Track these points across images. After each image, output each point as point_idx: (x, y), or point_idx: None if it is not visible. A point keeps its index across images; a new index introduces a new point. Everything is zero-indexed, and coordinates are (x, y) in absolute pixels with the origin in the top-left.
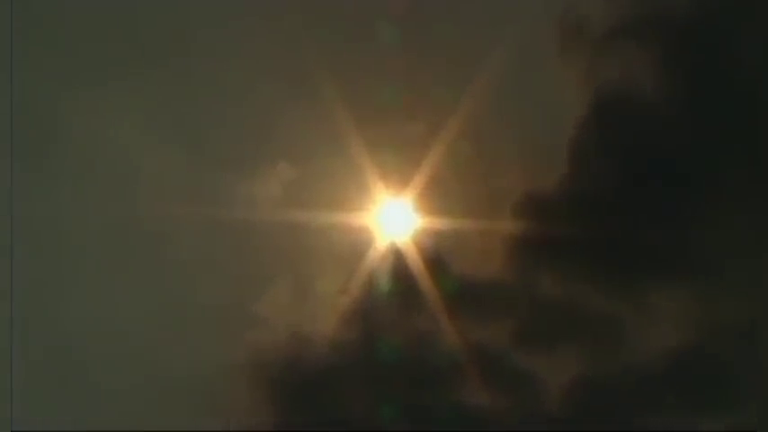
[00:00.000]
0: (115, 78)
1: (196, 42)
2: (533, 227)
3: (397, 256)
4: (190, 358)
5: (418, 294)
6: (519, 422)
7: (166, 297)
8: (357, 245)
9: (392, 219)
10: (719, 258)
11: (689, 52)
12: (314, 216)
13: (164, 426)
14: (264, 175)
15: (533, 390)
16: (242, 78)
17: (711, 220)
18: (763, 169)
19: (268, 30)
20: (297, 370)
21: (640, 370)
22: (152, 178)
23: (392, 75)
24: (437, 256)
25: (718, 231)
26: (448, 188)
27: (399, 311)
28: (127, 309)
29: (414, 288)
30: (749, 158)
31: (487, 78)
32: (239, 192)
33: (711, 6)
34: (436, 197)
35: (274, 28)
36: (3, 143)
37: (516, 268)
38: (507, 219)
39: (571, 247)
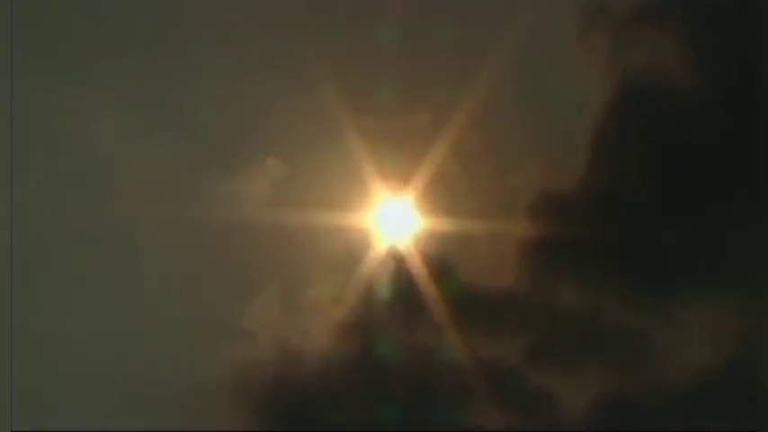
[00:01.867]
0: (88, 66)
1: (179, 27)
2: (550, 230)
3: (398, 262)
4: (165, 377)
5: (421, 305)
6: None
7: (140, 307)
8: (353, 249)
9: (392, 219)
10: (756, 265)
11: (721, 35)
12: (305, 217)
13: None
14: (251, 172)
15: (550, 412)
16: (228, 67)
17: (747, 223)
18: None
19: (257, 15)
20: (285, 390)
21: (669, 389)
22: (126, 175)
23: (393, 62)
24: (442, 261)
25: (755, 235)
26: (454, 186)
27: (400, 324)
28: (94, 320)
29: (416, 298)
30: None
31: (499, 65)
32: (223, 190)
33: None
34: (441, 196)
35: (264, 12)
36: None
37: (531, 276)
38: (521, 221)
39: (592, 253)
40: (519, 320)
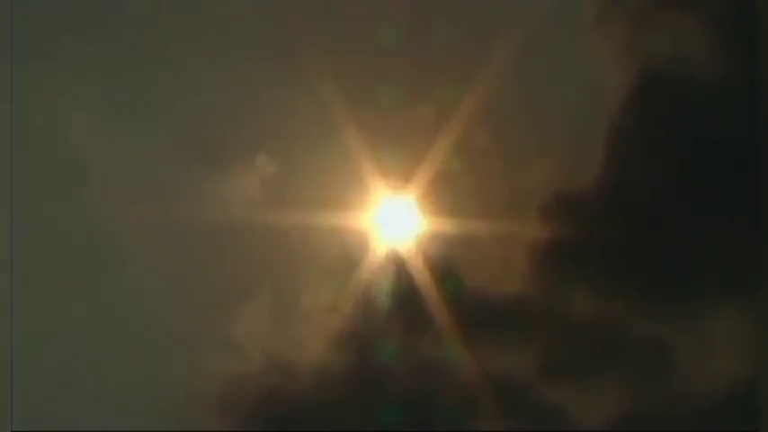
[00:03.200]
0: (60, 52)
1: (162, 9)
2: (563, 233)
3: (399, 266)
4: (148, 391)
5: (424, 313)
6: None
7: (120, 316)
8: (350, 252)
9: (392, 220)
10: None
11: (749, 22)
12: (299, 217)
13: None
14: (240, 169)
15: (564, 429)
16: (216, 55)
17: None
18: None
19: (250, 1)
20: (276, 406)
21: (692, 404)
22: (103, 172)
23: (395, 51)
24: (446, 266)
25: None
26: (459, 185)
27: (401, 334)
28: (73, 331)
29: (418, 305)
30: None
31: (507, 54)
32: (209, 188)
33: None
34: (445, 195)
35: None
36: None
37: (543, 283)
38: (532, 222)
39: (609, 258)
40: (530, 331)
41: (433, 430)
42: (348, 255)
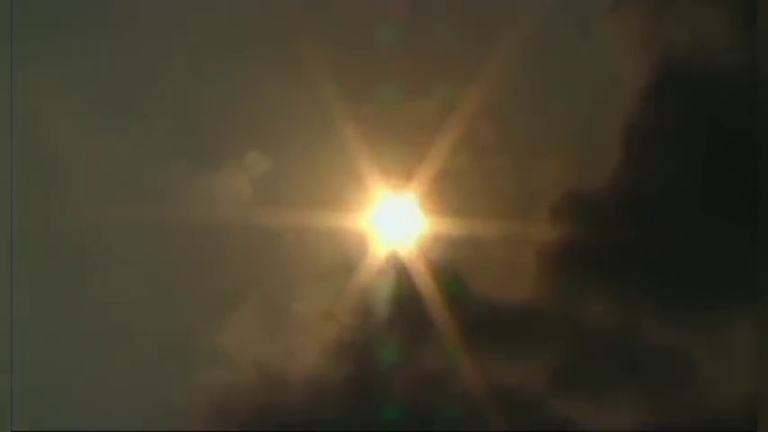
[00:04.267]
0: (35, 41)
1: (148, 1)
2: (576, 235)
3: (400, 271)
4: (130, 404)
5: (427, 322)
6: None
7: (100, 324)
8: (347, 255)
9: (392, 221)
10: None
11: None
12: (292, 218)
13: None
14: (229, 166)
15: None
16: (203, 44)
17: None
18: None
19: None
20: (268, 422)
21: (714, 419)
22: (81, 169)
23: (395, 42)
24: (451, 271)
25: None
26: (464, 183)
27: (402, 344)
28: (48, 340)
29: (421, 313)
30: None
31: (516, 42)
32: (195, 187)
33: None
34: (449, 194)
35: None
36: None
37: (554, 288)
38: (542, 224)
39: (625, 262)
40: (540, 340)
41: None
42: (345, 258)
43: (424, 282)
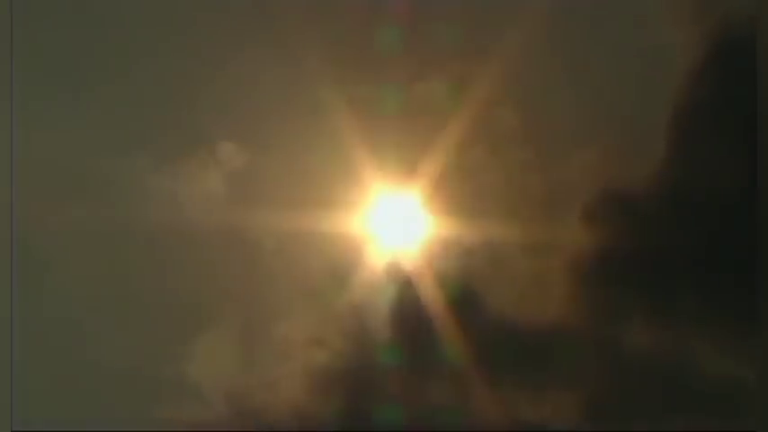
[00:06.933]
0: None
1: None
2: (614, 242)
3: (402, 286)
4: None
5: (435, 347)
6: None
7: (42, 348)
8: (339, 266)
9: (392, 224)
10: None
11: None
12: (273, 221)
13: None
14: (198, 161)
15: None
16: (171, 17)
17: None
18: None
19: None
20: None
21: None
22: (28, 167)
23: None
24: (464, 285)
25: None
26: (479, 180)
27: (405, 374)
28: None
29: (427, 337)
30: None
31: (540, 12)
32: (157, 185)
33: None
34: (460, 193)
35: None
36: None
37: (588, 306)
38: (573, 229)
39: (671, 275)
40: (571, 369)
41: None
42: (336, 270)
43: (431, 298)
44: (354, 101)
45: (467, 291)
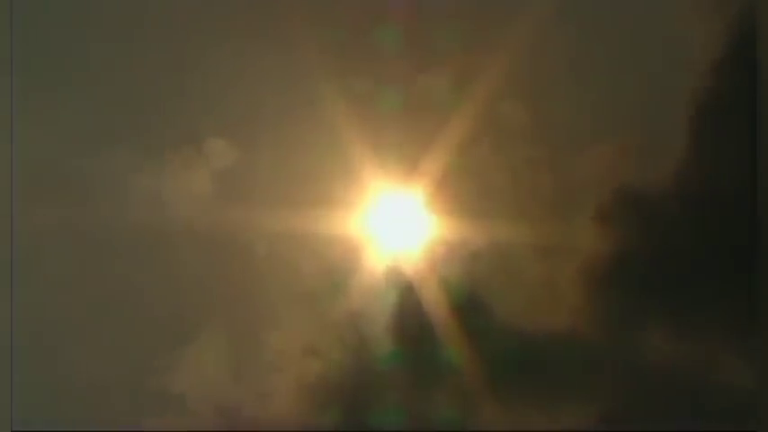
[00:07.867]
0: None
1: None
2: (630, 244)
3: (403, 291)
4: None
5: (438, 356)
6: None
7: (19, 358)
8: (335, 270)
9: (392, 225)
10: None
11: None
12: (264, 222)
13: None
14: (185, 158)
15: None
16: (157, 8)
17: None
18: None
19: None
20: None
21: None
22: (14, 165)
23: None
24: (469, 290)
25: None
26: (485, 178)
27: (406, 385)
28: None
29: (430, 346)
30: None
31: (551, 3)
32: (142, 184)
33: None
34: (465, 192)
35: None
36: None
37: (603, 314)
38: (587, 231)
39: (691, 280)
40: (585, 380)
41: None
42: (332, 274)
43: (434, 305)
44: (352, 93)
45: (472, 297)
